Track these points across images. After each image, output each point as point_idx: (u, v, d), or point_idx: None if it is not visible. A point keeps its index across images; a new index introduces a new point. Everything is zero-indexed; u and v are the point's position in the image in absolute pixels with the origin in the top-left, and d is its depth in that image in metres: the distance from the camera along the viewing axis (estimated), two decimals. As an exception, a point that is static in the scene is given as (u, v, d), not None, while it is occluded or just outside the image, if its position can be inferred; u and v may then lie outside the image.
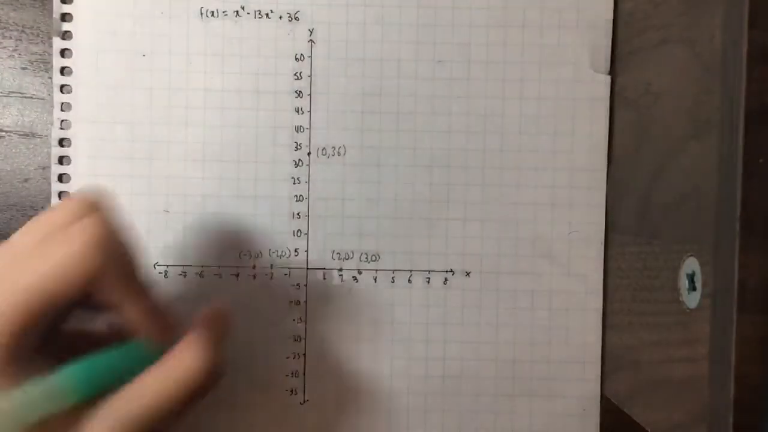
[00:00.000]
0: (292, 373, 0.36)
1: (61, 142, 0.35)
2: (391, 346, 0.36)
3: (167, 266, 0.35)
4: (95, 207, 0.27)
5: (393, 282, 0.36)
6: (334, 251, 0.36)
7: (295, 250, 0.36)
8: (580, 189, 0.36)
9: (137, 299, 0.27)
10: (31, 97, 0.36)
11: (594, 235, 0.36)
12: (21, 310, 0.24)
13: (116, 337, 0.28)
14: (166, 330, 0.28)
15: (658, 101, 0.31)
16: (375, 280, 0.36)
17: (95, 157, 0.35)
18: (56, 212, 0.26)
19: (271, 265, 0.35)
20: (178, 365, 0.27)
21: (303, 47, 0.35)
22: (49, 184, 0.35)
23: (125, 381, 0.26)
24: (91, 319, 0.29)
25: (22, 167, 0.36)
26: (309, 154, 0.35)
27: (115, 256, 0.26)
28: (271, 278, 0.35)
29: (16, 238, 0.26)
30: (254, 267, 0.35)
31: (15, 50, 0.36)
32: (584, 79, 0.35)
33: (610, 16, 0.35)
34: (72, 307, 0.28)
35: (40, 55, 0.36)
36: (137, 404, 0.26)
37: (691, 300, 0.27)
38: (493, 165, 0.36)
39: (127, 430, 0.25)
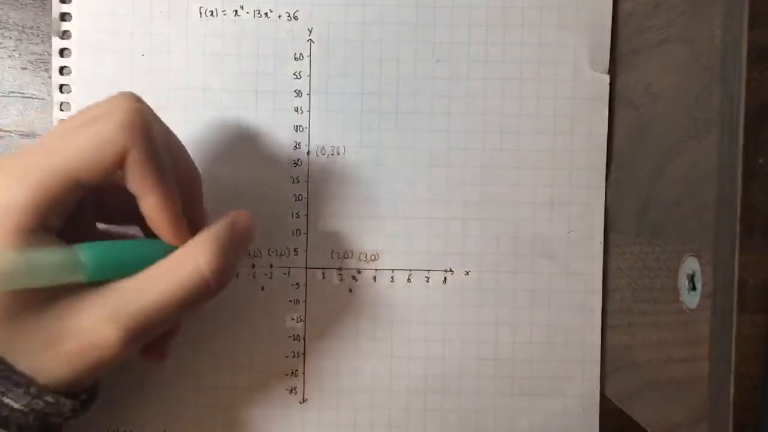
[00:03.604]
0: (291, 373, 0.36)
1: (61, 142, 0.35)
2: (391, 346, 0.36)
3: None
4: (136, 99, 0.27)
5: (392, 281, 0.36)
6: (333, 251, 0.36)
7: (295, 250, 0.36)
8: (579, 188, 0.36)
9: (159, 192, 0.26)
10: (31, 97, 0.36)
11: (593, 235, 0.36)
12: (46, 184, 0.24)
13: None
14: (183, 235, 0.27)
15: (658, 101, 0.31)
16: (374, 279, 0.36)
17: (94, 157, 0.35)
18: (100, 103, 0.27)
19: (271, 265, 0.35)
20: (186, 266, 0.26)
21: (302, 47, 0.35)
22: (49, 183, 0.35)
23: (135, 273, 0.26)
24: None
25: (22, 167, 0.36)
26: (308, 153, 0.35)
27: (145, 138, 0.25)
28: (271, 277, 0.35)
29: (61, 122, 0.27)
30: (253, 266, 0.35)
31: (15, 50, 0.36)
32: (584, 79, 0.35)
33: (610, 15, 0.35)
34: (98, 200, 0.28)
35: (40, 55, 0.36)
36: (141, 298, 0.26)
37: (691, 300, 0.27)
38: (492, 164, 0.35)
39: (129, 322, 0.25)
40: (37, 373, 0.25)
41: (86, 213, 0.30)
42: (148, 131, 0.26)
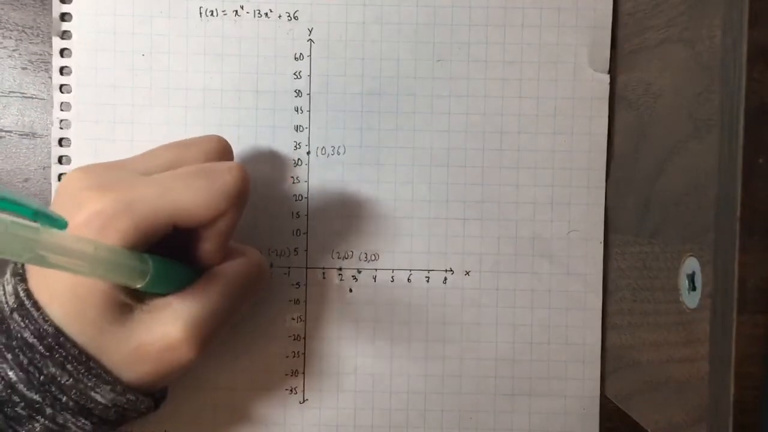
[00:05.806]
0: (291, 372, 0.36)
1: (61, 142, 0.35)
2: (391, 346, 0.36)
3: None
4: (230, 152, 0.31)
5: (392, 281, 0.36)
6: (333, 250, 0.36)
7: (295, 250, 0.36)
8: (579, 188, 0.36)
9: (224, 245, 0.29)
10: (31, 97, 0.36)
11: (594, 235, 0.36)
12: (150, 221, 0.27)
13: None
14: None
15: (658, 101, 0.31)
16: (374, 279, 0.36)
17: (95, 157, 0.35)
18: (197, 145, 0.30)
19: (271, 264, 0.35)
20: (246, 267, 0.30)
21: (302, 46, 0.35)
22: (49, 184, 0.35)
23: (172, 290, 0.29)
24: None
25: (22, 167, 0.36)
26: (308, 153, 0.35)
27: (240, 209, 0.29)
28: (271, 277, 0.35)
29: (159, 151, 0.30)
30: (254, 266, 0.35)
31: (15, 50, 0.36)
32: (584, 79, 0.35)
33: (610, 15, 0.35)
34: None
35: (40, 55, 0.36)
36: (208, 301, 0.29)
37: (691, 300, 0.27)
38: (493, 164, 0.35)
39: (197, 324, 0.28)
40: (122, 373, 0.28)
41: None
42: (245, 203, 0.29)
